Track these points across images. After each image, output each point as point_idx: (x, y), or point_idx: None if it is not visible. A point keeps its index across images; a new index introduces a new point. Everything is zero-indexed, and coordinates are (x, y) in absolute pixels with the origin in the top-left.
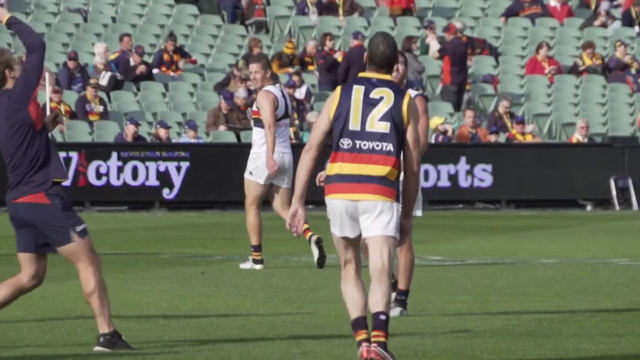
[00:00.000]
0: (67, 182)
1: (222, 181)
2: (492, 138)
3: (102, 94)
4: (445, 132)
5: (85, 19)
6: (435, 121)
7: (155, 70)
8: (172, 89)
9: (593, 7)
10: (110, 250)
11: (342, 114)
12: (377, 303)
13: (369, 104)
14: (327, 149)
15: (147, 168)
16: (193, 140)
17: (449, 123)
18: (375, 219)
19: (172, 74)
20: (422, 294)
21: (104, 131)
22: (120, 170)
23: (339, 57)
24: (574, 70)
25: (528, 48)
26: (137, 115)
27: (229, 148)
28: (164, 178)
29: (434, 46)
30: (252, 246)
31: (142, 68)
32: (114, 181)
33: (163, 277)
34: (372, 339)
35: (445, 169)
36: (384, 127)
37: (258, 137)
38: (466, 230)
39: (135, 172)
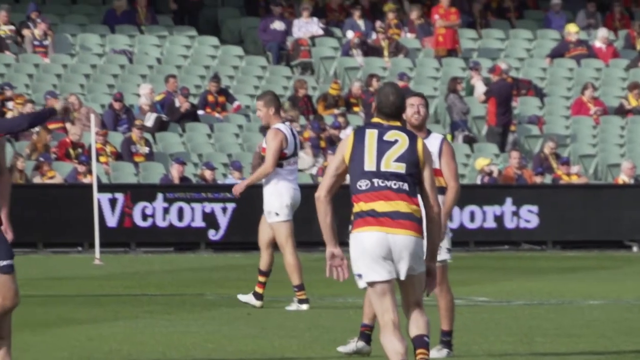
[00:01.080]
0: (113, 224)
1: None
2: (538, 179)
3: (148, 135)
4: (490, 173)
5: (131, 60)
6: (481, 162)
7: (200, 112)
8: (218, 130)
9: (638, 48)
10: (156, 292)
11: (357, 157)
12: (419, 328)
13: (384, 145)
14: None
15: (192, 209)
16: (239, 182)
17: (495, 164)
18: (411, 258)
19: (217, 115)
20: (468, 334)
21: (149, 172)
22: (165, 211)
23: None
24: (619, 111)
25: (573, 89)
26: (183, 157)
27: None
28: (210, 219)
29: (479, 87)
30: (295, 286)
31: (186, 105)
32: (160, 222)
33: (209, 318)
34: (418, 356)
35: (491, 210)
36: (400, 167)
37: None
38: (512, 271)
39: (180, 213)
